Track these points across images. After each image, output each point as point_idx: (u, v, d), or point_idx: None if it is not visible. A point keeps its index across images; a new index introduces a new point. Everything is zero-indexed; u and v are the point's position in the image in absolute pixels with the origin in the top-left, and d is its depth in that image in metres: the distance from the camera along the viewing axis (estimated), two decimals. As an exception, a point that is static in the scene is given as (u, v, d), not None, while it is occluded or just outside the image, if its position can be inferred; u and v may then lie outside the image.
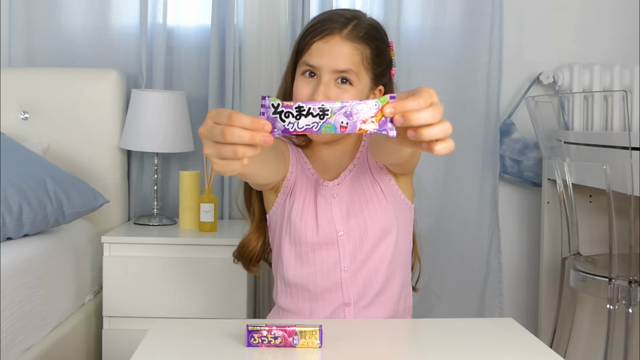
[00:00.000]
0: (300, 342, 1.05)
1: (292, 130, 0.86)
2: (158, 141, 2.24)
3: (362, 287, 1.35)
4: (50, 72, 2.33)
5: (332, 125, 0.86)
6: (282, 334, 1.06)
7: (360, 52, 1.31)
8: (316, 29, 1.31)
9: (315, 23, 1.33)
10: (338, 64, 1.29)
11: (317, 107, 0.86)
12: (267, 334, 1.05)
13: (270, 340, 1.05)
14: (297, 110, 0.86)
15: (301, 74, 1.32)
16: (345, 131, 0.86)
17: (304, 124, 0.86)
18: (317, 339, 1.06)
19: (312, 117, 0.86)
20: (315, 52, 1.30)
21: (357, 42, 1.31)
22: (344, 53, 1.29)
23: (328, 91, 1.29)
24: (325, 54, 1.29)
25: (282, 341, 1.05)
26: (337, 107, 0.86)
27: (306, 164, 1.40)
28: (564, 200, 2.14)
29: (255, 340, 1.05)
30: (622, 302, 1.92)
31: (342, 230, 1.34)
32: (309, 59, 1.30)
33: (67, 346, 1.87)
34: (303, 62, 1.32)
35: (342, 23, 1.31)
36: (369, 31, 1.33)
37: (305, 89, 1.31)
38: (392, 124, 0.87)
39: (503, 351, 1.09)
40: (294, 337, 1.06)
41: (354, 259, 1.35)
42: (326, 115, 0.86)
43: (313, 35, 1.31)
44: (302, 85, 1.31)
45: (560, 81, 2.46)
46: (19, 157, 1.94)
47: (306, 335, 1.05)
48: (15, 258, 1.66)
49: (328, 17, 1.34)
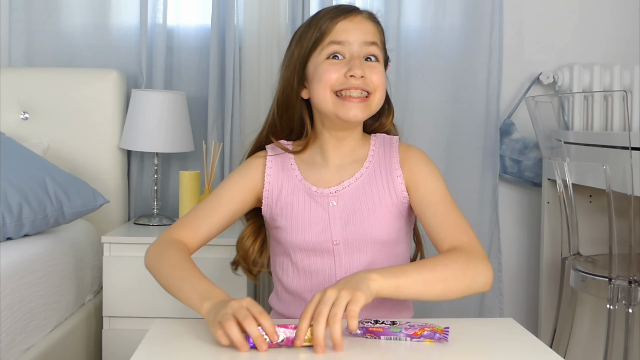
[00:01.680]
0: (307, 339, 1.05)
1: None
2: (158, 141, 2.24)
3: None
4: (50, 72, 2.33)
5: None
6: (283, 331, 1.05)
7: (379, 32, 1.35)
8: (335, 13, 1.30)
9: (326, 13, 1.31)
10: (367, 36, 1.30)
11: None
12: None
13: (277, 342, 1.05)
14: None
15: (325, 59, 1.29)
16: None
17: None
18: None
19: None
20: (342, 29, 1.29)
21: (374, 22, 1.34)
22: (369, 28, 1.31)
23: (364, 67, 1.28)
24: (353, 28, 1.29)
25: (284, 339, 1.05)
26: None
27: (293, 171, 1.36)
28: (564, 200, 2.14)
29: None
30: (622, 302, 1.92)
31: (339, 239, 1.32)
32: (337, 36, 1.29)
33: (67, 346, 1.87)
34: (330, 41, 1.28)
35: (352, 8, 1.33)
36: (377, 20, 1.37)
37: (335, 71, 1.28)
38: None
39: (503, 351, 1.09)
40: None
41: (350, 270, 1.31)
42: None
43: (334, 17, 1.30)
44: (330, 68, 1.28)
45: (560, 81, 2.46)
46: (19, 157, 1.94)
47: (307, 333, 1.05)
48: (15, 258, 1.66)
49: (331, 8, 1.33)
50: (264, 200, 1.36)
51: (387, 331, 1.10)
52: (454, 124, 2.48)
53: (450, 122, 2.48)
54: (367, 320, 1.12)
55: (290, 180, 1.35)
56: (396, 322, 1.12)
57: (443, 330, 1.10)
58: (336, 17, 1.30)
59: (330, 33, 1.29)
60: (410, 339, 1.09)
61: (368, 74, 1.28)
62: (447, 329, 1.10)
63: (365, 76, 1.27)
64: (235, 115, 2.39)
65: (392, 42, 2.40)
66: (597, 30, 2.56)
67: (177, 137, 2.26)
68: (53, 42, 2.41)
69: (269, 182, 1.36)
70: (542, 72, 2.49)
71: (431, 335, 1.09)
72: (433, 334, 1.09)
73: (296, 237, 1.32)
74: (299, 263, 1.34)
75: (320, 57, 1.30)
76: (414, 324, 1.11)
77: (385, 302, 1.36)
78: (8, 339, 1.55)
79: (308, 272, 1.34)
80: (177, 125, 2.25)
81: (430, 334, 1.09)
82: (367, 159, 1.37)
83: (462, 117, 2.47)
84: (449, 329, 1.11)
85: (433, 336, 1.09)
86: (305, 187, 1.34)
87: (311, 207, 1.33)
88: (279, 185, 1.35)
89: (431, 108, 2.46)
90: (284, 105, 1.36)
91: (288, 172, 1.36)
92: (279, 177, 1.36)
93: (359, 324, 1.10)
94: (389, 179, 1.34)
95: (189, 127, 2.31)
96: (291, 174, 1.36)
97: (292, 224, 1.32)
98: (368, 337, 1.10)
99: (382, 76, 1.30)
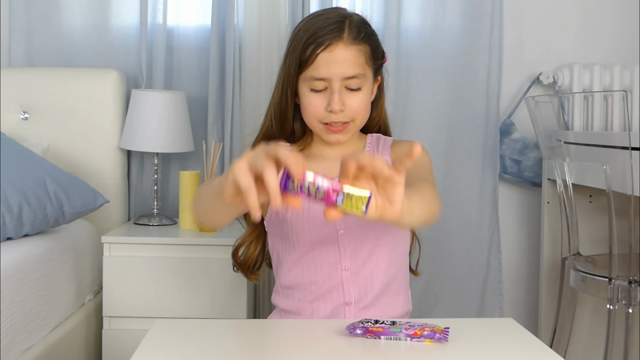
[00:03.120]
0: (345, 203, 0.87)
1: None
2: (158, 141, 2.24)
3: (363, 286, 1.35)
4: (50, 72, 2.33)
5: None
6: (328, 188, 0.87)
7: (362, 53, 1.33)
8: (317, 40, 1.30)
9: (312, 34, 1.31)
10: (346, 71, 1.31)
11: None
12: (309, 184, 0.86)
13: (310, 189, 0.86)
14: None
15: (309, 90, 1.33)
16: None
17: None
18: (363, 205, 0.88)
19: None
20: (322, 64, 1.30)
21: (358, 44, 1.32)
22: (350, 58, 1.31)
23: (343, 98, 1.31)
24: (332, 63, 1.30)
25: (324, 196, 0.87)
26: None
27: None
28: (564, 200, 2.14)
29: (295, 184, 0.86)
30: (622, 302, 1.92)
31: (342, 229, 1.34)
32: (316, 72, 1.31)
33: (67, 346, 1.87)
34: (310, 77, 1.32)
35: (337, 28, 1.31)
36: (364, 29, 1.34)
37: (319, 104, 1.33)
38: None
39: (503, 351, 1.09)
40: (339, 195, 0.87)
41: (355, 258, 1.35)
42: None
43: (315, 47, 1.30)
44: (314, 101, 1.33)
45: (560, 81, 2.46)
46: (19, 157, 1.94)
47: (352, 199, 0.88)
48: (15, 258, 1.66)
49: (321, 23, 1.32)
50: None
51: (387, 331, 1.10)
52: (454, 124, 2.48)
53: (450, 122, 2.48)
54: (367, 320, 1.12)
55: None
56: (396, 322, 1.12)
57: (443, 330, 1.10)
58: (317, 48, 1.30)
59: (311, 65, 1.31)
60: (410, 339, 1.09)
61: (347, 102, 1.32)
62: (447, 329, 1.10)
63: (344, 108, 1.32)
64: (235, 115, 2.39)
65: (392, 42, 2.40)
66: (597, 30, 2.56)
67: (177, 137, 2.26)
68: (53, 42, 2.41)
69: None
70: (542, 72, 2.49)
71: (431, 335, 1.09)
72: (433, 334, 1.09)
73: (302, 229, 1.34)
74: (304, 256, 1.36)
75: (304, 86, 1.34)
76: (414, 324, 1.11)
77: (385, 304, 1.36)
78: (8, 339, 1.55)
79: (313, 264, 1.36)
80: (177, 125, 2.26)
81: (430, 334, 1.09)
82: (364, 149, 1.43)
83: (462, 117, 2.46)
84: (449, 329, 1.11)
85: (433, 336, 1.09)
86: None
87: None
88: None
89: (431, 108, 2.46)
90: (280, 114, 1.40)
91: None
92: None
93: (359, 324, 1.11)
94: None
95: (189, 127, 2.31)
96: None
97: (297, 217, 1.35)
98: (368, 337, 1.10)
99: (362, 101, 1.34)
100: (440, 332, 1.09)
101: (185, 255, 2.03)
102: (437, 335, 1.09)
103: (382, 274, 1.36)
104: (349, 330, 1.11)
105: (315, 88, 1.32)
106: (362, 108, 1.35)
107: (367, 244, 1.35)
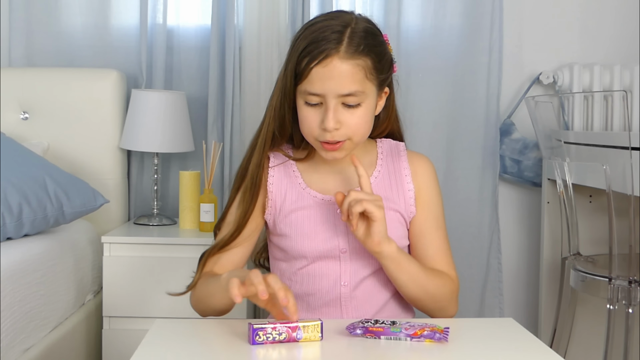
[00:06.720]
0: (304, 336, 1.08)
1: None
2: (158, 141, 2.24)
3: (361, 302, 1.32)
4: (50, 72, 2.33)
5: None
6: (287, 330, 1.07)
7: (362, 67, 1.21)
8: (312, 52, 1.20)
9: (308, 45, 1.21)
10: (342, 88, 1.20)
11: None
12: (272, 331, 1.07)
13: (275, 336, 1.07)
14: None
15: (304, 104, 1.24)
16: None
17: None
18: (319, 332, 1.08)
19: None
20: (316, 78, 1.20)
21: (357, 58, 1.21)
22: (345, 75, 1.20)
23: (338, 115, 1.22)
24: (327, 79, 1.20)
25: (287, 336, 1.07)
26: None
27: (297, 179, 1.34)
28: (564, 200, 2.14)
29: (261, 338, 1.07)
30: (622, 302, 1.92)
31: (346, 247, 1.30)
32: (310, 87, 1.21)
33: (67, 346, 1.87)
34: (304, 91, 1.22)
35: (336, 39, 1.20)
36: (366, 40, 1.22)
37: (313, 120, 1.23)
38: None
39: (503, 351, 1.09)
40: (297, 331, 1.08)
41: (355, 275, 1.31)
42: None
43: (310, 60, 1.20)
44: (309, 116, 1.24)
45: (560, 81, 2.46)
46: (19, 157, 1.94)
47: (309, 329, 1.08)
48: (15, 258, 1.66)
49: (319, 33, 1.21)
50: (268, 209, 1.34)
51: (387, 331, 1.10)
52: (454, 124, 2.47)
53: (450, 122, 2.48)
54: (367, 320, 1.12)
55: (294, 188, 1.33)
56: (396, 322, 1.12)
57: (443, 330, 1.10)
58: (311, 61, 1.20)
59: (304, 80, 1.21)
60: (410, 339, 1.09)
61: (344, 120, 1.22)
62: (447, 329, 1.10)
63: (339, 126, 1.22)
64: (235, 115, 2.39)
65: (392, 42, 2.36)
66: (597, 30, 2.56)
67: (177, 137, 2.26)
68: (53, 42, 2.41)
69: (271, 192, 1.33)
70: (542, 72, 2.49)
71: (431, 335, 1.09)
72: (433, 334, 1.09)
73: (301, 246, 1.30)
74: (303, 269, 1.32)
75: (300, 98, 1.25)
76: (414, 324, 1.11)
77: (388, 303, 1.35)
78: (8, 339, 1.55)
79: (312, 277, 1.32)
80: (177, 125, 2.26)
81: (430, 334, 1.09)
82: (375, 168, 1.35)
83: (462, 117, 2.46)
84: (449, 329, 1.11)
85: (433, 336, 1.09)
86: (310, 194, 1.32)
87: (317, 215, 1.31)
88: (283, 194, 1.33)
89: (431, 108, 2.46)
90: (279, 120, 1.30)
91: (291, 179, 1.34)
92: (282, 186, 1.34)
93: (359, 324, 1.10)
94: (399, 191, 1.34)
95: (189, 127, 2.31)
96: (294, 181, 1.34)
97: (297, 233, 1.30)
98: (368, 337, 1.10)
99: (360, 119, 1.24)
100: (440, 332, 1.09)
101: (185, 255, 2.03)
102: (437, 335, 1.09)
103: (381, 291, 1.33)
104: (349, 330, 1.11)
105: (310, 102, 1.23)
106: (360, 126, 1.24)
107: (370, 264, 1.31)
